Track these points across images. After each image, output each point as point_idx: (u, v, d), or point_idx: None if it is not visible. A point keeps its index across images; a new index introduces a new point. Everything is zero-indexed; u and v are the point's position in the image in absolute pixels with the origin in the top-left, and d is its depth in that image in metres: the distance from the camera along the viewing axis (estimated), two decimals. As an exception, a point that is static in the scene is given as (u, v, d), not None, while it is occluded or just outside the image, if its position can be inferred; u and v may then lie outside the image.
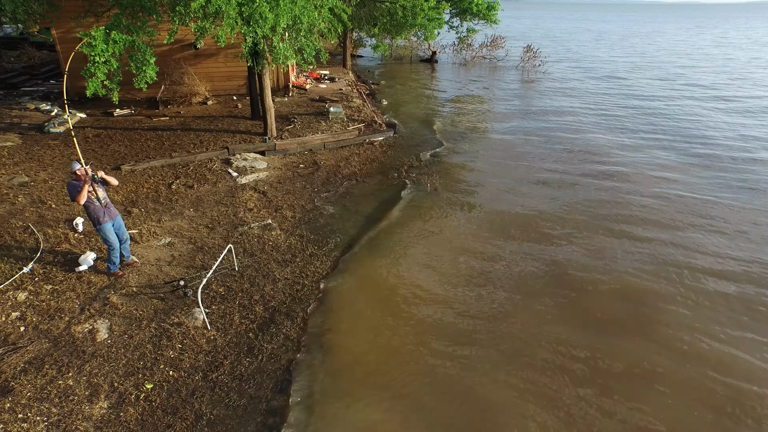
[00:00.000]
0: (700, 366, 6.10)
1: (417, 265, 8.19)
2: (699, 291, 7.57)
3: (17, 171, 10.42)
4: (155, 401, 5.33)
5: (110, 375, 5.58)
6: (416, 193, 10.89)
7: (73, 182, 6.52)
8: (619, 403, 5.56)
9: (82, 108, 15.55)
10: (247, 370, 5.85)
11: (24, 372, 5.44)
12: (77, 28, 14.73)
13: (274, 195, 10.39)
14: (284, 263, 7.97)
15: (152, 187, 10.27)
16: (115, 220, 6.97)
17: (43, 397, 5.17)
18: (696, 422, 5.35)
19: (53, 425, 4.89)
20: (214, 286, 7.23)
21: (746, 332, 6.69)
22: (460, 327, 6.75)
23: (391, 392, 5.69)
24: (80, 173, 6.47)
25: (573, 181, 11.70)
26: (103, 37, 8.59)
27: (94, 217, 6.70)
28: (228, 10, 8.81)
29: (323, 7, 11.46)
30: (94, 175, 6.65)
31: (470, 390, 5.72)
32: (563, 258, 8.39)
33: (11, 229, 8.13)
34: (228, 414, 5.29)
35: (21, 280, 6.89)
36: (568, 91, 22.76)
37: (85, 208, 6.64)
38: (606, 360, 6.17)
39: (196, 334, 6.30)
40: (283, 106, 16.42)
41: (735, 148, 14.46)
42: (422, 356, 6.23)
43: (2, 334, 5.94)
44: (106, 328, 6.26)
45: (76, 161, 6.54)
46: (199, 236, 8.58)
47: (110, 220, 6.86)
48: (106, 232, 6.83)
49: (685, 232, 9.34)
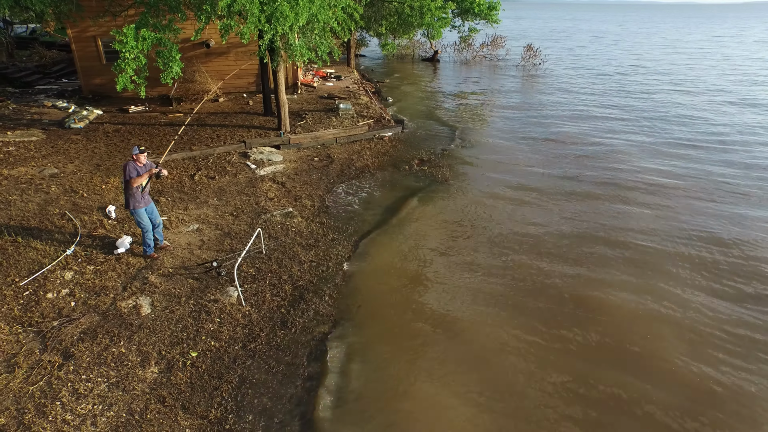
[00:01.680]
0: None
1: (431, 248, 8.69)
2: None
3: (46, 164, 10.86)
4: (201, 367, 5.81)
5: (157, 344, 6.05)
6: (428, 184, 11.39)
7: (132, 163, 7.03)
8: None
9: (97, 105, 15.98)
10: (283, 341, 6.33)
11: (81, 340, 5.91)
12: (92, 28, 15.26)
13: (292, 185, 10.87)
14: (308, 247, 8.46)
15: (176, 178, 10.73)
16: (149, 206, 7.44)
17: (101, 362, 5.64)
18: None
19: (113, 385, 5.37)
20: (245, 267, 7.70)
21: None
22: (475, 308, 7.25)
23: (412, 353, 6.19)
24: (136, 158, 7.04)
25: (576, 174, 12.23)
26: (133, 35, 9.04)
27: (130, 201, 7.16)
28: (252, 9, 9.28)
29: (336, 6, 11.95)
30: (160, 172, 7.27)
31: (490, 357, 6.23)
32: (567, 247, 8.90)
33: (50, 216, 8.59)
34: (269, 378, 5.77)
35: (66, 261, 7.36)
36: (566, 88, 23.30)
37: (127, 189, 7.11)
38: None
39: (232, 310, 6.77)
40: (293, 103, 16.89)
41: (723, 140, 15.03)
42: (438, 327, 6.73)
43: (56, 308, 6.41)
44: (149, 303, 6.73)
45: (136, 146, 7.10)
46: (225, 223, 9.05)
47: (144, 206, 7.33)
48: (140, 216, 7.29)
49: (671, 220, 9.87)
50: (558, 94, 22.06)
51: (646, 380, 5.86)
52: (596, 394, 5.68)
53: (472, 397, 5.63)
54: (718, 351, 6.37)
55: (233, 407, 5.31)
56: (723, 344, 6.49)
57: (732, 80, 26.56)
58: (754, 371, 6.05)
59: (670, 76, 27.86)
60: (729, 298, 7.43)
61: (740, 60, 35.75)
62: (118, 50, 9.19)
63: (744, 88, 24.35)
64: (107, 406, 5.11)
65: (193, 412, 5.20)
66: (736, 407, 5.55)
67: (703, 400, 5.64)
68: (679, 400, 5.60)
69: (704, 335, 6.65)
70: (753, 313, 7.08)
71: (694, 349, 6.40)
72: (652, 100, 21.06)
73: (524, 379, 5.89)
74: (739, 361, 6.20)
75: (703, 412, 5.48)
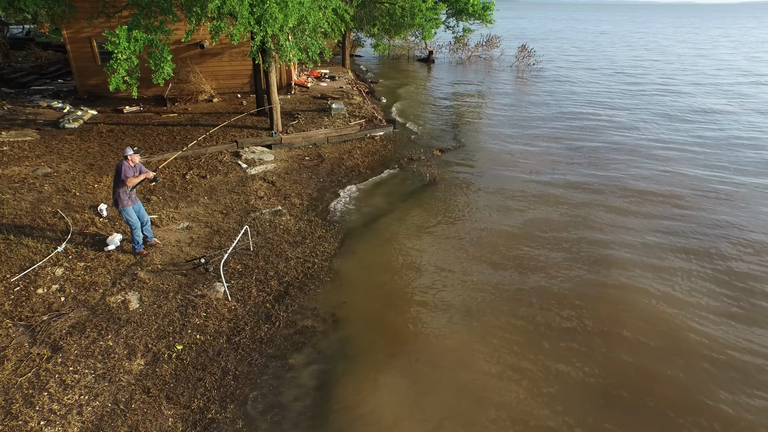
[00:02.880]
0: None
1: (415, 247, 8.87)
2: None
3: (40, 163, 11.03)
4: (186, 359, 5.99)
5: (144, 338, 6.23)
6: (416, 183, 11.57)
7: (126, 164, 7.20)
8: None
9: (92, 105, 16.16)
10: (267, 335, 6.51)
11: (69, 334, 6.08)
12: (87, 29, 15.44)
13: (282, 184, 11.05)
14: (295, 244, 8.64)
15: (168, 177, 10.91)
16: (136, 204, 7.61)
17: (89, 355, 5.82)
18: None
19: (100, 377, 5.54)
20: (232, 264, 7.88)
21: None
22: (458, 307, 7.44)
23: (391, 347, 6.38)
24: (130, 158, 7.21)
25: (562, 178, 12.42)
26: (125, 36, 9.22)
27: (120, 199, 7.33)
28: (241, 11, 9.46)
29: (327, 8, 12.13)
30: (157, 177, 7.49)
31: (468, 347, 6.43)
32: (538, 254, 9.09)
33: (42, 215, 8.77)
34: (251, 370, 5.95)
35: (57, 257, 7.53)
36: (559, 89, 23.49)
37: (115, 189, 7.28)
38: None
39: (218, 305, 6.95)
40: (287, 103, 17.07)
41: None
42: (419, 324, 6.91)
43: (46, 303, 6.58)
44: (137, 299, 6.90)
45: (129, 147, 7.27)
46: (215, 221, 9.22)
47: (132, 205, 7.50)
48: (129, 214, 7.46)
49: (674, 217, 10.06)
50: (550, 94, 22.25)
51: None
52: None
53: (444, 400, 5.81)
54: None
55: (216, 397, 5.49)
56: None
57: (730, 81, 26.79)
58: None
59: (665, 76, 28.06)
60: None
61: (741, 61, 35.95)
62: (111, 51, 9.36)
63: (746, 88, 24.56)
64: (93, 396, 5.29)
65: (176, 402, 5.38)
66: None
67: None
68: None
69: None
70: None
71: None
72: (646, 100, 21.26)
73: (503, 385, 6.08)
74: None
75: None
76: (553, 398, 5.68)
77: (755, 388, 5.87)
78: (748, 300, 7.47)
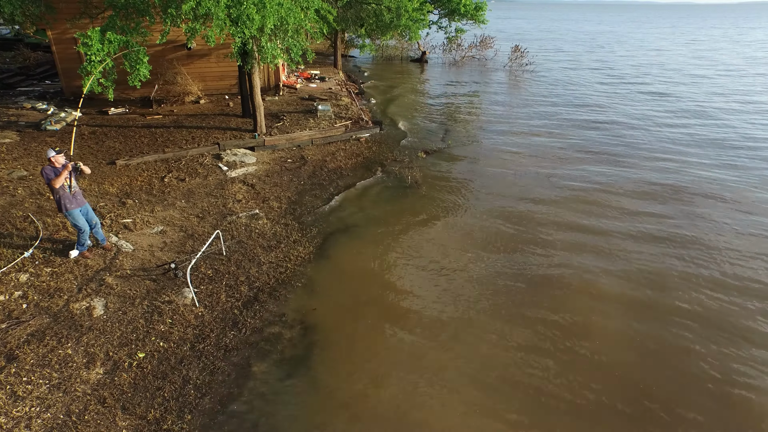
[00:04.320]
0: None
1: (392, 251, 8.75)
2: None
3: (16, 166, 10.91)
4: (147, 368, 5.86)
5: (105, 345, 6.10)
6: (397, 186, 11.45)
7: (49, 167, 7.01)
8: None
9: (77, 107, 16.00)
10: (232, 342, 6.39)
11: (27, 342, 5.96)
12: (72, 30, 15.30)
13: (262, 187, 10.93)
14: (269, 249, 8.51)
15: (146, 180, 10.78)
16: (83, 207, 7.41)
17: (45, 364, 5.69)
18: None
19: (54, 387, 5.42)
20: (203, 269, 7.76)
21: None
22: (436, 312, 7.32)
23: (359, 356, 6.26)
24: (53, 160, 6.98)
25: (550, 173, 12.30)
26: (98, 38, 9.09)
27: (60, 203, 7.15)
28: (217, 12, 9.34)
29: (309, 9, 12.01)
30: (77, 164, 7.16)
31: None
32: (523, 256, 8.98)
33: (12, 219, 8.64)
34: (213, 379, 5.82)
35: (23, 263, 7.41)
36: (551, 90, 23.37)
37: (53, 193, 7.12)
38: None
39: (185, 311, 6.83)
40: (274, 104, 16.96)
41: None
42: (393, 334, 6.79)
43: (6, 310, 6.45)
44: (102, 305, 6.78)
45: (51, 149, 7.04)
46: (190, 225, 9.10)
47: (78, 207, 7.30)
48: (75, 217, 7.28)
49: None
50: (541, 95, 22.13)
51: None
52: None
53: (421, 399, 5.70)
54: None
55: (173, 407, 5.37)
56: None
57: (730, 79, 26.70)
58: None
59: (657, 77, 27.97)
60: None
61: (741, 62, 35.87)
62: (83, 52, 9.24)
63: (744, 88, 24.47)
64: (45, 408, 5.16)
65: (132, 412, 5.26)
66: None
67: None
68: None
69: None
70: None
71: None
72: (641, 100, 21.17)
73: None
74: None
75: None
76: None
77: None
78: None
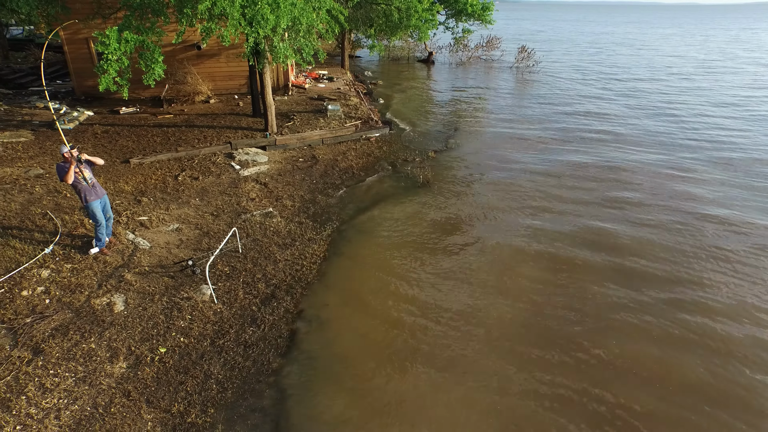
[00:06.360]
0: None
1: (405, 250, 8.81)
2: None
3: (33, 164, 11.04)
4: (168, 363, 5.95)
5: (127, 340, 6.20)
6: (409, 185, 11.51)
7: (60, 164, 7.14)
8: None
9: (89, 106, 16.17)
10: (251, 338, 6.47)
11: (52, 336, 6.06)
12: (85, 30, 15.44)
13: (274, 186, 11.01)
14: (284, 246, 8.60)
15: (160, 178, 10.89)
16: (101, 198, 7.55)
17: (70, 358, 5.79)
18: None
19: (80, 380, 5.51)
20: (220, 266, 7.85)
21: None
22: (448, 312, 7.38)
23: (373, 351, 6.33)
24: (67, 155, 7.09)
25: (558, 173, 12.34)
26: (116, 37, 9.20)
27: (82, 196, 7.30)
28: (232, 12, 9.44)
29: (321, 9, 12.10)
30: (80, 156, 7.25)
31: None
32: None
33: (31, 216, 8.76)
34: (234, 374, 5.90)
35: (43, 259, 7.52)
36: (558, 91, 23.39)
37: (74, 188, 7.26)
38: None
39: (204, 307, 6.92)
40: (283, 104, 17.06)
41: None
42: (406, 329, 6.85)
43: (30, 305, 6.56)
44: (122, 301, 6.87)
45: (63, 145, 7.14)
46: (205, 223, 9.19)
47: (97, 199, 7.43)
48: (93, 210, 7.41)
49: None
50: (549, 96, 22.16)
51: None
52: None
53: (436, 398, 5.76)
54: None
55: (197, 401, 5.45)
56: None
57: (729, 80, 26.64)
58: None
59: (662, 77, 27.93)
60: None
61: (742, 62, 35.76)
62: (101, 52, 9.35)
63: (743, 91, 24.42)
64: (72, 400, 5.26)
65: (156, 405, 5.34)
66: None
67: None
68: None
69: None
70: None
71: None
72: (645, 100, 21.16)
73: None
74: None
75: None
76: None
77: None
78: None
